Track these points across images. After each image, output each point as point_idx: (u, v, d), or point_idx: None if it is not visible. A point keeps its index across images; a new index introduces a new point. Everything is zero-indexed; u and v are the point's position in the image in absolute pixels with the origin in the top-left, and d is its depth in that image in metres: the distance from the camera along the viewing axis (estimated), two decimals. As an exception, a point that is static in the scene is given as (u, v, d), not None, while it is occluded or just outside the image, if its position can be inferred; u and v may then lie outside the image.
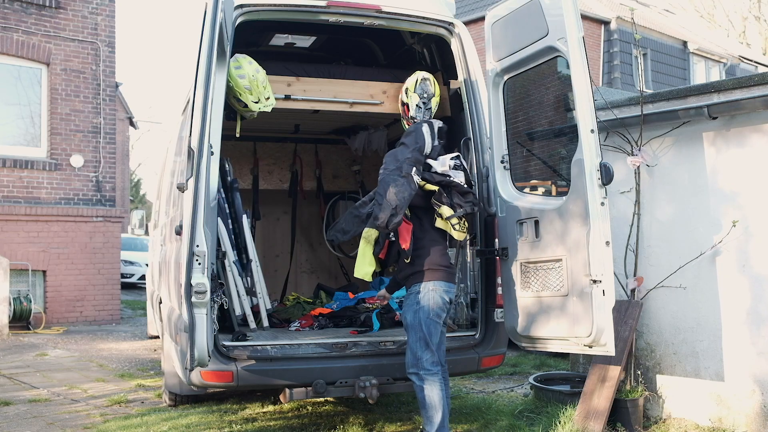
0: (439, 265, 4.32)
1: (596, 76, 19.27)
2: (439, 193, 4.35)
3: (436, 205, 4.35)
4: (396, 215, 4.14)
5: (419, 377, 4.18)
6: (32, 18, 11.10)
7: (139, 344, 9.54)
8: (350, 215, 4.74)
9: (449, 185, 4.37)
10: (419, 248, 4.35)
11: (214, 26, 3.85)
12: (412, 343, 4.23)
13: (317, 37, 6.64)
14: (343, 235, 4.74)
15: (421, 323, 4.19)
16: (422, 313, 4.21)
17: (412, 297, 4.29)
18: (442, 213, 4.34)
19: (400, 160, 4.31)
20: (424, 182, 4.37)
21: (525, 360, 7.70)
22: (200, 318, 3.74)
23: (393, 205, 4.15)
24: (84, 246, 11.38)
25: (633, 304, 5.18)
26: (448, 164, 4.45)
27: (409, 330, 4.26)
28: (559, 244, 4.27)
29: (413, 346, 4.22)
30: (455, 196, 4.36)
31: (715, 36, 28.89)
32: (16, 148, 11.16)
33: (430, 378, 4.16)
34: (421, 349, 4.18)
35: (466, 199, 4.38)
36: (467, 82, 5.07)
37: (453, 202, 4.35)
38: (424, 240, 4.37)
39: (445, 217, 4.33)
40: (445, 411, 4.17)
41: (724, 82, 4.87)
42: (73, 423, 5.38)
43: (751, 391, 4.72)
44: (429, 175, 4.39)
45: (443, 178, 4.39)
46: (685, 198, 5.09)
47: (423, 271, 4.29)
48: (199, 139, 3.77)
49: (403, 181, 4.22)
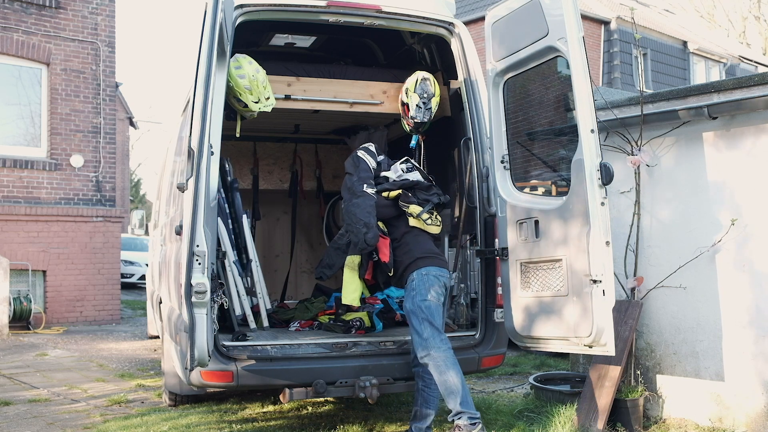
0: (426, 253, 4.50)
1: (596, 76, 19.27)
2: (404, 195, 4.63)
3: (404, 206, 4.59)
4: (369, 230, 4.38)
5: (432, 358, 4.21)
6: (32, 18, 11.10)
7: (139, 344, 9.53)
8: (332, 249, 4.94)
9: (410, 186, 4.67)
10: (402, 248, 4.55)
11: (214, 26, 3.85)
12: (417, 326, 4.29)
13: (317, 37, 6.64)
14: (329, 269, 4.91)
15: (420, 306, 4.30)
16: (418, 296, 4.33)
17: (408, 287, 4.45)
18: (412, 212, 4.57)
19: (350, 186, 4.66)
20: (387, 192, 4.66)
21: (525, 360, 7.70)
22: (200, 318, 3.73)
23: (362, 221, 4.40)
24: (84, 246, 11.38)
25: (633, 304, 5.18)
26: (400, 169, 4.80)
27: (411, 316, 4.35)
28: (559, 244, 4.26)
29: (418, 329, 4.28)
30: (419, 194, 4.64)
31: (715, 36, 28.90)
32: (16, 148, 11.16)
33: (443, 354, 4.19)
34: (427, 330, 4.26)
35: (430, 192, 4.67)
36: (467, 82, 5.07)
37: (419, 199, 4.61)
38: (403, 240, 4.58)
39: (416, 214, 4.56)
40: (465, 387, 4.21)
41: (724, 82, 4.87)
42: (73, 423, 5.38)
43: (752, 391, 4.72)
44: (388, 184, 4.71)
45: (402, 181, 4.69)
46: (685, 198, 5.09)
47: (411, 263, 4.46)
48: (199, 139, 3.76)
49: (360, 200, 4.52)
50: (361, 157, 4.82)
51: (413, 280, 4.41)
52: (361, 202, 4.51)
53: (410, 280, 4.43)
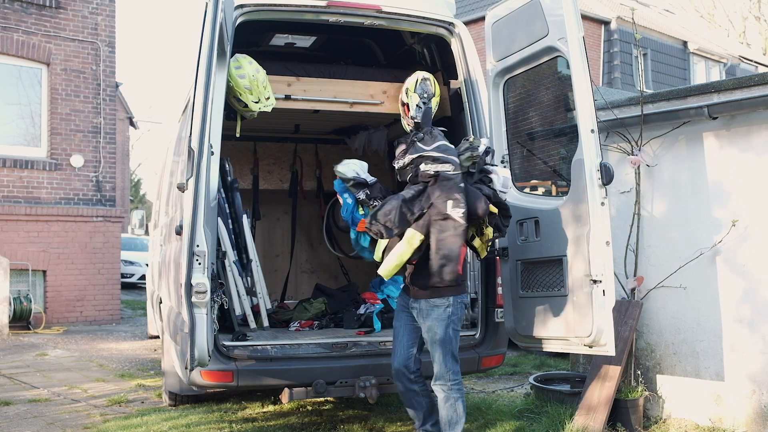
0: (463, 279, 4.29)
1: (596, 76, 19.26)
2: (491, 214, 4.15)
3: (485, 224, 4.19)
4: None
5: (448, 389, 4.03)
6: (32, 18, 11.10)
7: (139, 344, 9.53)
8: (400, 209, 3.98)
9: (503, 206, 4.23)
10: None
11: (215, 26, 3.85)
12: (443, 356, 4.02)
13: (317, 37, 6.64)
14: (388, 232, 4.02)
15: (452, 338, 4.04)
16: (452, 326, 4.04)
17: (440, 310, 4.03)
18: (486, 234, 4.21)
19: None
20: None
21: (525, 360, 7.70)
22: (200, 318, 3.73)
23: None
24: (84, 246, 11.38)
25: (633, 304, 5.18)
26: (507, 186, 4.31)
27: (440, 344, 4.03)
28: (559, 244, 4.26)
29: (445, 360, 4.02)
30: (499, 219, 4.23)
31: (715, 36, 28.89)
32: (17, 148, 11.15)
33: (458, 387, 4.05)
34: (452, 362, 4.03)
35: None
36: (467, 82, 5.07)
37: (495, 222, 4.21)
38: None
39: (487, 239, 4.23)
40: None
41: (724, 82, 4.87)
42: (73, 423, 5.38)
43: (751, 391, 4.72)
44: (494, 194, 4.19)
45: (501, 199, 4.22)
46: (685, 198, 5.09)
47: (454, 285, 4.03)
48: (199, 139, 3.76)
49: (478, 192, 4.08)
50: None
51: (450, 306, 4.03)
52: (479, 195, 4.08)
53: (444, 303, 4.03)
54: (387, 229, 4.00)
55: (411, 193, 4.03)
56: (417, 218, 3.96)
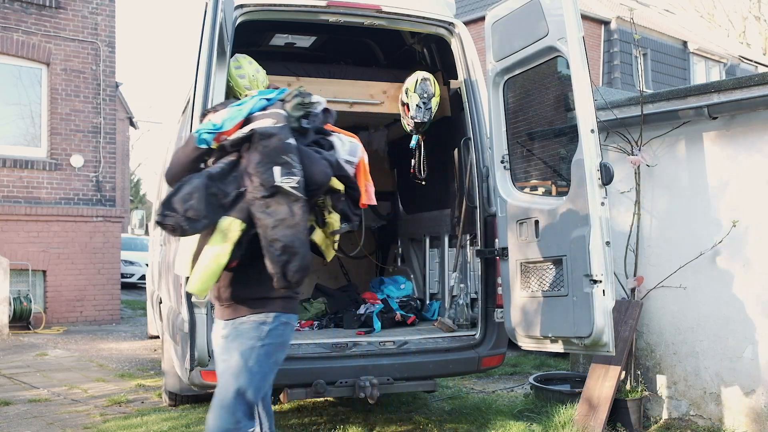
0: (297, 292, 3.37)
1: (596, 76, 19.27)
2: (336, 194, 3.31)
3: (326, 209, 3.35)
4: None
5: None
6: (32, 18, 11.10)
7: (139, 344, 9.53)
8: (206, 190, 2.88)
9: (352, 184, 3.37)
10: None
11: (214, 26, 3.85)
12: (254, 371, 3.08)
13: (317, 37, 6.64)
14: (192, 224, 2.88)
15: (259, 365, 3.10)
16: (264, 350, 3.10)
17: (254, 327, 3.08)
18: (330, 223, 3.38)
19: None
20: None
21: (525, 360, 7.69)
22: (200, 318, 3.74)
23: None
24: (84, 246, 11.38)
25: (633, 304, 5.18)
26: None
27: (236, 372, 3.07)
28: (559, 244, 4.26)
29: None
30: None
31: (715, 36, 28.88)
32: (16, 148, 11.15)
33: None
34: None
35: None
36: (467, 82, 5.07)
37: (342, 208, 3.35)
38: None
39: (332, 230, 3.39)
40: None
41: (724, 82, 4.87)
42: (73, 423, 5.38)
43: (751, 391, 4.72)
44: None
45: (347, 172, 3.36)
46: (685, 198, 5.09)
47: (283, 298, 3.16)
48: (199, 139, 3.75)
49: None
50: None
51: (268, 323, 3.05)
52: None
53: (263, 320, 3.04)
54: (189, 220, 2.79)
55: (220, 167, 2.95)
56: (234, 200, 2.88)
